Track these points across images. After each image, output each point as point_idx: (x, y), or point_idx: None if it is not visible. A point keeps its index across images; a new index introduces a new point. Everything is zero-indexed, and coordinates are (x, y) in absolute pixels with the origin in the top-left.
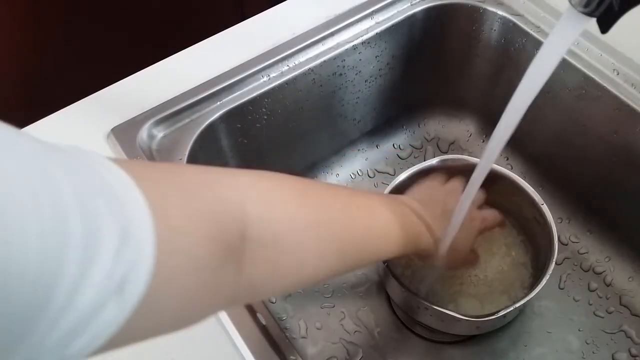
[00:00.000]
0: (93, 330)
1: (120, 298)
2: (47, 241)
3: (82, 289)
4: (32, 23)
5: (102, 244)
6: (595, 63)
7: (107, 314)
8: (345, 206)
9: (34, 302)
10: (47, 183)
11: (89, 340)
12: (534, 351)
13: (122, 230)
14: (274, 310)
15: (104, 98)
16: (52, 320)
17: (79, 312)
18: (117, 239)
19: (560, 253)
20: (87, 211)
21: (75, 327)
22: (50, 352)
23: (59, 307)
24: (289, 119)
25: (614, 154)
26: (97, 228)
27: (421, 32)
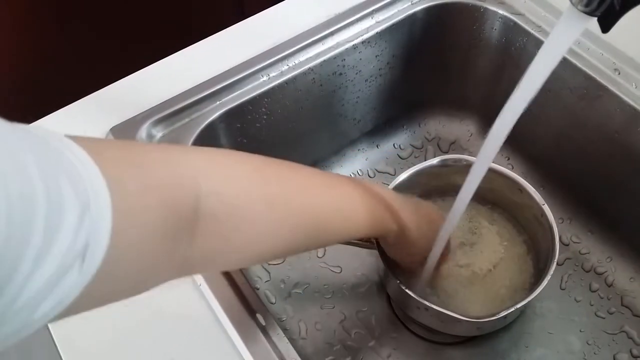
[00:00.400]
0: (57, 295)
1: (81, 265)
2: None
3: (47, 257)
4: (32, 23)
5: (65, 216)
6: (596, 62)
7: (69, 280)
8: (305, 184)
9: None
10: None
11: (54, 305)
12: (535, 352)
13: (83, 204)
14: (274, 310)
15: (103, 98)
16: (19, 286)
17: (44, 278)
18: (79, 211)
19: (561, 253)
20: (51, 186)
21: (41, 292)
22: (18, 316)
23: (26, 273)
24: (289, 118)
25: (616, 153)
26: (60, 201)
27: (422, 32)
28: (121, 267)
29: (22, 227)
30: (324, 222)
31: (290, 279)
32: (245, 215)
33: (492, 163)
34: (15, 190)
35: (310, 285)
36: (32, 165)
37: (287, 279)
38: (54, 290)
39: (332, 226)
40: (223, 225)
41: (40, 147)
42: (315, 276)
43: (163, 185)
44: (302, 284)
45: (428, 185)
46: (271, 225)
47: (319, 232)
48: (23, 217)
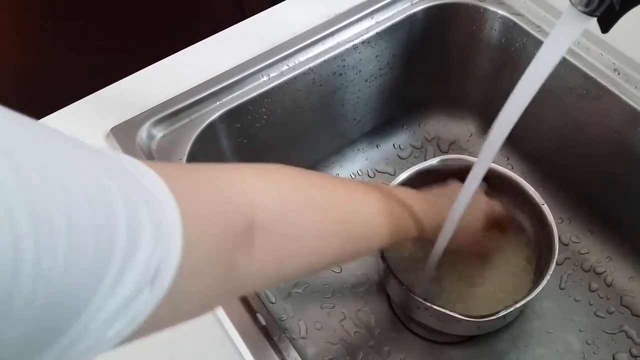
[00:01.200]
0: (129, 316)
1: (152, 286)
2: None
3: (124, 278)
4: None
5: (142, 238)
6: (595, 63)
7: (141, 302)
8: (346, 193)
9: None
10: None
11: (125, 325)
12: (534, 351)
13: (157, 226)
14: (274, 310)
15: (103, 98)
16: (99, 305)
17: (120, 298)
18: (153, 234)
19: (561, 253)
20: (129, 209)
21: (116, 313)
22: (93, 334)
23: (105, 293)
24: (289, 118)
25: (615, 153)
26: (138, 224)
27: (421, 32)
28: (188, 287)
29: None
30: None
31: None
32: (297, 225)
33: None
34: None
35: (310, 285)
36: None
37: None
38: (125, 312)
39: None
40: (278, 237)
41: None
42: (315, 276)
43: (223, 205)
44: (302, 283)
45: (428, 185)
46: (321, 234)
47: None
48: (107, 242)
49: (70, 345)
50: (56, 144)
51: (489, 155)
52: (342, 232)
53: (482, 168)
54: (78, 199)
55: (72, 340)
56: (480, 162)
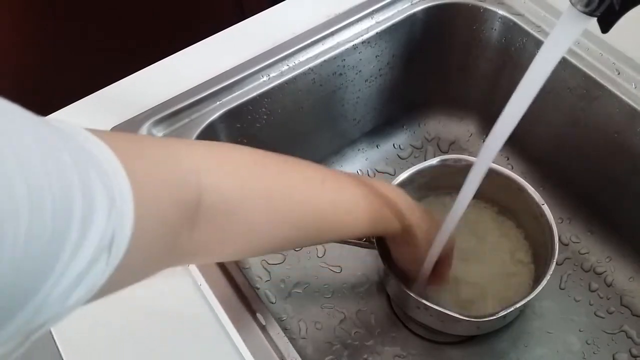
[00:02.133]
0: (88, 283)
1: (108, 255)
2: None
3: (81, 249)
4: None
5: (96, 210)
6: (596, 63)
7: (98, 269)
8: (307, 179)
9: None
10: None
11: (84, 292)
12: (534, 352)
13: (110, 197)
14: (274, 310)
15: (103, 97)
16: (59, 276)
17: (77, 268)
18: (107, 205)
19: (561, 253)
20: (84, 182)
21: (75, 281)
22: (55, 304)
23: (63, 266)
24: (289, 118)
25: (615, 153)
26: (92, 196)
27: (421, 32)
28: (138, 257)
29: (63, 221)
30: (323, 217)
31: (290, 278)
32: (243, 208)
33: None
34: (58, 187)
35: (310, 285)
36: (69, 162)
37: (287, 278)
38: (83, 280)
39: (332, 222)
40: (221, 217)
41: (70, 142)
42: (315, 276)
43: (171, 178)
44: (302, 283)
45: (428, 185)
46: (269, 219)
47: (319, 228)
48: (65, 212)
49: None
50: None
51: (489, 156)
52: (297, 220)
53: (482, 168)
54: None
55: (32, 312)
56: (480, 162)
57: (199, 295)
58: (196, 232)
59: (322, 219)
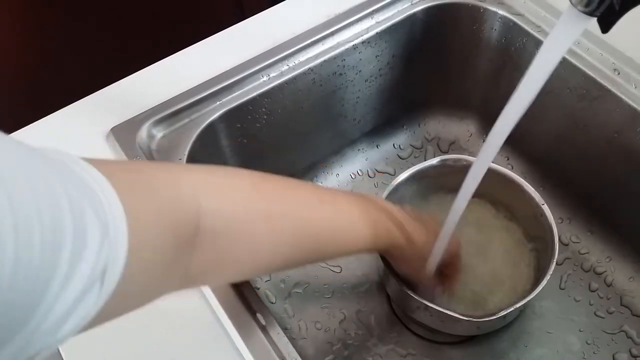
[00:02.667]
0: (77, 316)
1: (100, 286)
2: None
3: (72, 280)
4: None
5: (88, 241)
6: (595, 63)
7: (89, 301)
8: (305, 199)
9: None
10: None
11: (76, 323)
12: (534, 352)
13: (103, 228)
14: (274, 310)
15: (103, 98)
16: (48, 307)
17: (67, 301)
18: (100, 236)
19: (561, 253)
20: (76, 212)
21: (66, 312)
22: (44, 336)
23: (53, 298)
24: (289, 118)
25: (615, 153)
26: (84, 227)
27: (421, 32)
28: (133, 285)
29: (52, 253)
30: (322, 237)
31: (290, 278)
32: (243, 230)
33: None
34: (48, 217)
35: (310, 285)
36: (61, 192)
37: (287, 278)
38: (75, 311)
39: (332, 241)
40: (220, 240)
41: (64, 172)
42: (315, 276)
43: (170, 206)
44: (302, 283)
45: (428, 185)
46: (269, 240)
47: (319, 247)
48: (54, 243)
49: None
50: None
51: (488, 156)
52: (296, 241)
53: (482, 168)
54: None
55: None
56: (479, 162)
57: (199, 296)
58: (196, 256)
59: (320, 238)
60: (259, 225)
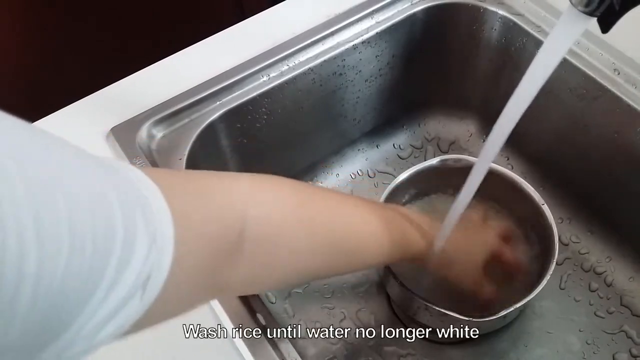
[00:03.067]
0: (120, 320)
1: (143, 293)
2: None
3: (117, 287)
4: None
5: (136, 248)
6: (595, 63)
7: (131, 307)
8: (338, 208)
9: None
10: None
11: (115, 329)
12: (534, 352)
13: (151, 235)
14: (274, 310)
15: (103, 98)
16: (93, 311)
17: (111, 305)
18: (147, 245)
19: (561, 253)
20: (127, 219)
21: (107, 317)
22: (84, 339)
23: (99, 299)
24: (289, 118)
25: (615, 153)
26: (134, 233)
27: (421, 32)
28: (176, 293)
29: (102, 259)
30: (354, 246)
31: None
32: (285, 237)
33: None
34: (102, 224)
35: (310, 285)
36: (114, 198)
37: None
38: (115, 317)
39: (361, 250)
40: (264, 247)
41: (117, 178)
42: None
43: (216, 215)
44: (302, 283)
45: (428, 185)
46: (309, 247)
47: (351, 256)
48: (105, 249)
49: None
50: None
51: (489, 156)
52: (331, 249)
53: (483, 168)
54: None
55: (64, 345)
56: (480, 162)
57: None
58: (240, 264)
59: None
60: (299, 232)
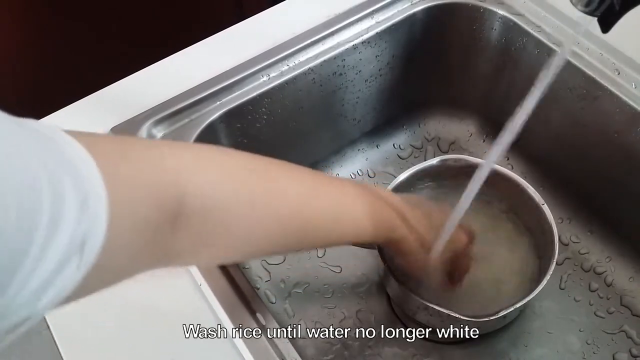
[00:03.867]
0: (58, 285)
1: (80, 257)
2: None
3: (49, 250)
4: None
5: (66, 210)
6: (596, 63)
7: (69, 272)
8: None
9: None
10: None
11: (56, 294)
12: (534, 352)
13: (82, 199)
14: (274, 310)
15: (103, 98)
16: (25, 279)
17: (46, 271)
18: (78, 206)
19: (561, 253)
20: (54, 180)
21: (44, 283)
22: (23, 306)
23: (30, 266)
24: (289, 118)
25: (615, 153)
26: (62, 196)
27: (421, 32)
28: (114, 259)
29: (29, 220)
30: (313, 223)
31: (290, 278)
32: (227, 214)
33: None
34: (25, 186)
35: (310, 285)
36: (38, 159)
37: (287, 278)
38: (54, 282)
39: (323, 228)
40: (204, 222)
41: (43, 141)
42: (315, 276)
43: (152, 179)
44: (302, 283)
45: (428, 185)
46: (254, 225)
47: (308, 234)
48: (30, 210)
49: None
50: None
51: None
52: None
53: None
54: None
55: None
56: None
57: (199, 296)
58: (179, 234)
59: (309, 225)
60: (244, 210)
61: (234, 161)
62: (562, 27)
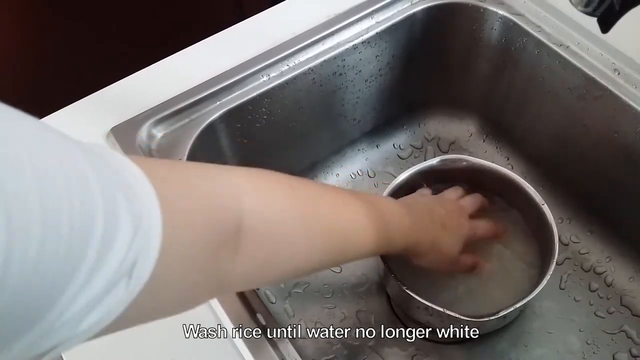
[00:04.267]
0: (104, 309)
1: (128, 281)
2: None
3: (99, 272)
4: (32, 23)
5: (119, 232)
6: (595, 63)
7: (116, 295)
8: (333, 201)
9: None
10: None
11: (99, 318)
12: (534, 352)
13: (136, 221)
14: (274, 310)
15: (103, 98)
16: (71, 299)
17: (93, 292)
18: (132, 229)
19: (561, 253)
20: (108, 202)
21: (90, 305)
22: (65, 327)
23: (78, 286)
24: (289, 118)
25: (615, 153)
26: (116, 217)
27: (421, 32)
28: (166, 284)
29: (81, 239)
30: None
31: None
32: (284, 232)
33: (492, 163)
34: (78, 204)
35: (310, 284)
36: (93, 179)
37: None
38: (100, 304)
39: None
40: (264, 242)
41: (98, 162)
42: (315, 276)
43: (208, 203)
44: (302, 283)
45: (428, 185)
46: (306, 241)
47: (346, 248)
48: (83, 229)
49: (41, 338)
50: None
51: None
52: (327, 241)
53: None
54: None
55: (43, 332)
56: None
57: None
58: (238, 258)
59: (345, 239)
60: (298, 227)
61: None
62: (562, 27)
